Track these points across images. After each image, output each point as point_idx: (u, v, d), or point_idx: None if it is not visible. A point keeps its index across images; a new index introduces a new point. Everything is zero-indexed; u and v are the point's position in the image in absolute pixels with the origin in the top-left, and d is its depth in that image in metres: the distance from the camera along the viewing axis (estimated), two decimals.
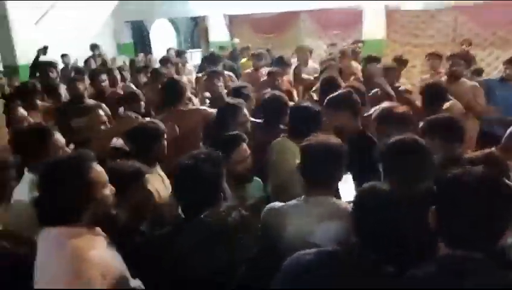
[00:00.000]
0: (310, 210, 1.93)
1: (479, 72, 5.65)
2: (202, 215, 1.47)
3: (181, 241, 1.46)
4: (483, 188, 1.27)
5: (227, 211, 1.48)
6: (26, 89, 4.33)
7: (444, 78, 4.72)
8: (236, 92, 3.77)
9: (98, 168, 1.66)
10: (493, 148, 2.46)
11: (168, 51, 9.32)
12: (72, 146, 2.68)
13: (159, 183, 2.49)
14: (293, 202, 2.02)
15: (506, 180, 1.45)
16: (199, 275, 1.42)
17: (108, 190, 1.68)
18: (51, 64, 5.75)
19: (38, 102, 4.36)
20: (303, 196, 2.01)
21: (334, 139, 2.04)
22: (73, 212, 1.61)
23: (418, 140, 2.02)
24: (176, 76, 5.34)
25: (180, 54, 8.58)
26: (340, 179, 2.02)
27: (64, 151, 2.39)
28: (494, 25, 8.54)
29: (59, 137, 2.43)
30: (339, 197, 2.12)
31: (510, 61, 4.87)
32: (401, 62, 5.53)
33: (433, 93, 3.55)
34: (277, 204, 2.06)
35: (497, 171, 1.75)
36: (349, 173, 2.25)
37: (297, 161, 2.04)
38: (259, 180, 2.60)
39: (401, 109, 2.87)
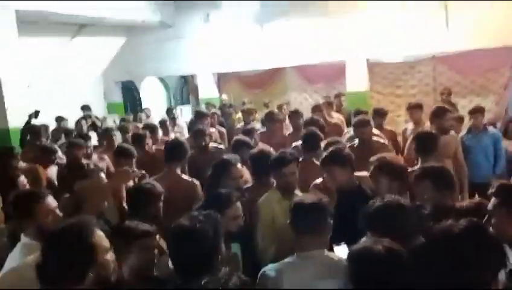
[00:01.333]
0: (305, 265, 1.97)
1: (461, 119, 5.84)
2: (203, 283, 1.46)
3: None
4: (469, 239, 1.31)
5: (228, 277, 1.48)
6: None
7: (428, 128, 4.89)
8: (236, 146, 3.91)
9: (99, 233, 1.69)
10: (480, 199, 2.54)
11: (143, 110, 9.54)
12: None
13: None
14: (287, 260, 2.07)
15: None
16: None
17: (109, 256, 1.70)
18: (41, 128, 5.94)
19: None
20: (296, 253, 2.05)
21: (318, 194, 2.21)
22: (75, 276, 1.63)
23: (401, 201, 2.09)
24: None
25: (168, 111, 8.74)
26: (329, 232, 2.08)
27: (55, 214, 2.40)
28: (473, 74, 8.91)
29: (50, 200, 2.44)
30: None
31: (473, 111, 5.14)
32: (379, 114, 5.67)
33: (426, 141, 3.64)
34: (271, 266, 2.09)
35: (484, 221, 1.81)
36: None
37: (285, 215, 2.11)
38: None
39: (398, 159, 3.01)
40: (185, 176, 3.66)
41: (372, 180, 2.87)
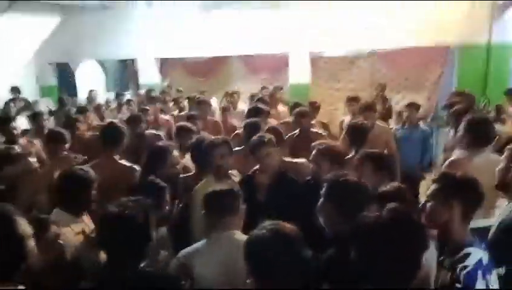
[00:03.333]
0: (215, 246, 2.05)
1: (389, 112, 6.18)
2: (142, 266, 1.44)
3: None
4: (397, 229, 1.37)
5: (166, 260, 1.47)
6: None
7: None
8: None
9: (22, 221, 1.58)
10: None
11: (90, 92, 9.09)
12: None
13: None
14: (200, 243, 2.14)
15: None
16: None
17: (32, 241, 1.60)
18: None
19: None
20: (208, 236, 2.13)
21: (225, 186, 2.30)
22: (9, 271, 1.52)
23: (362, 182, 2.14)
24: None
25: (117, 96, 8.37)
26: (241, 216, 2.18)
27: None
28: (406, 70, 9.39)
29: None
30: None
31: (409, 106, 5.45)
32: (314, 107, 5.91)
33: (357, 132, 3.82)
34: (184, 250, 2.13)
35: (406, 206, 1.91)
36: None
37: None
38: None
39: (338, 146, 3.15)
40: (123, 161, 3.50)
41: (314, 165, 2.98)
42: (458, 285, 1.75)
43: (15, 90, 8.46)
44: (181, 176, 3.29)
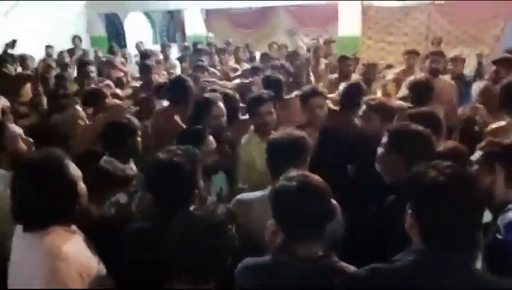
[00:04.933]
0: (265, 204, 1.95)
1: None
2: (191, 209, 1.46)
3: (173, 234, 1.43)
4: (459, 187, 1.28)
5: (215, 206, 1.48)
6: None
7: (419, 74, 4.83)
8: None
9: (71, 164, 1.63)
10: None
11: (137, 44, 9.13)
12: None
13: None
14: (260, 192, 2.05)
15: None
16: (193, 267, 1.41)
17: (82, 183, 1.66)
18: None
19: None
20: (270, 187, 2.03)
21: (296, 132, 2.09)
22: (65, 214, 1.58)
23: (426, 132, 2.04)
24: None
25: (162, 47, 8.33)
26: (305, 167, 2.03)
27: (24, 140, 2.33)
28: (465, 23, 8.74)
29: (14, 127, 2.38)
30: None
31: (454, 60, 5.20)
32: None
33: (422, 91, 3.60)
34: (244, 195, 2.10)
35: (463, 165, 1.82)
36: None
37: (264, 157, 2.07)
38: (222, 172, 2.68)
39: (390, 102, 3.04)
40: (179, 122, 3.38)
41: (364, 119, 2.90)
42: (499, 236, 1.71)
43: (76, 39, 8.59)
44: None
